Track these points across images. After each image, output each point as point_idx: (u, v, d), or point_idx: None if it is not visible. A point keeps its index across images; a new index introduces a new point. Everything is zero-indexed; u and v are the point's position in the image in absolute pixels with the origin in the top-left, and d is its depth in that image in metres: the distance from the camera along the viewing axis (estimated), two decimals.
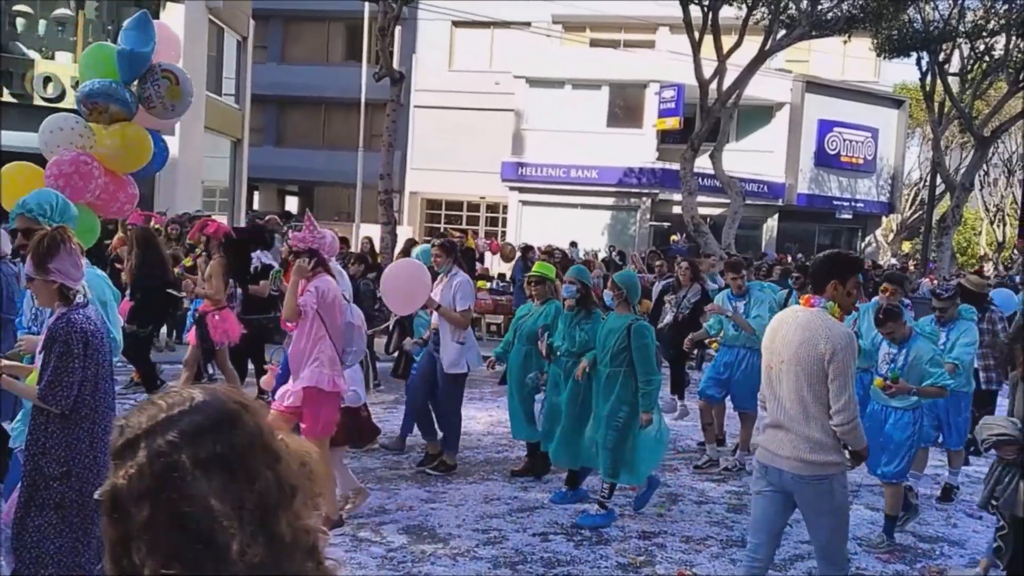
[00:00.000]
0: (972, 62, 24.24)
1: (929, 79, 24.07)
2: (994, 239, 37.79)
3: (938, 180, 26.21)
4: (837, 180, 29.26)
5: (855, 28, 19.68)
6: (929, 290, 9.28)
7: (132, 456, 1.18)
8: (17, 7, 18.48)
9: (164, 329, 11.11)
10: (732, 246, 19.84)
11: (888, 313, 5.90)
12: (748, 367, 7.39)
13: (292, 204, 36.15)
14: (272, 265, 8.92)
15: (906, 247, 36.37)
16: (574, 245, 20.81)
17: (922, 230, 28.67)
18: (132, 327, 8.26)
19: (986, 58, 23.75)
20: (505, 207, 29.00)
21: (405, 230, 23.56)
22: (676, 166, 21.23)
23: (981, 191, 36.78)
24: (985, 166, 32.79)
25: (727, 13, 19.71)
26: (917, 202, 35.89)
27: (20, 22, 18.78)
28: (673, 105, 25.51)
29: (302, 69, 31.71)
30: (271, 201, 34.60)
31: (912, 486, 6.62)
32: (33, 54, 18.45)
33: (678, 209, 22.17)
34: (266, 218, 14.95)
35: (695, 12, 19.01)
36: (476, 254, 16.90)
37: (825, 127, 28.38)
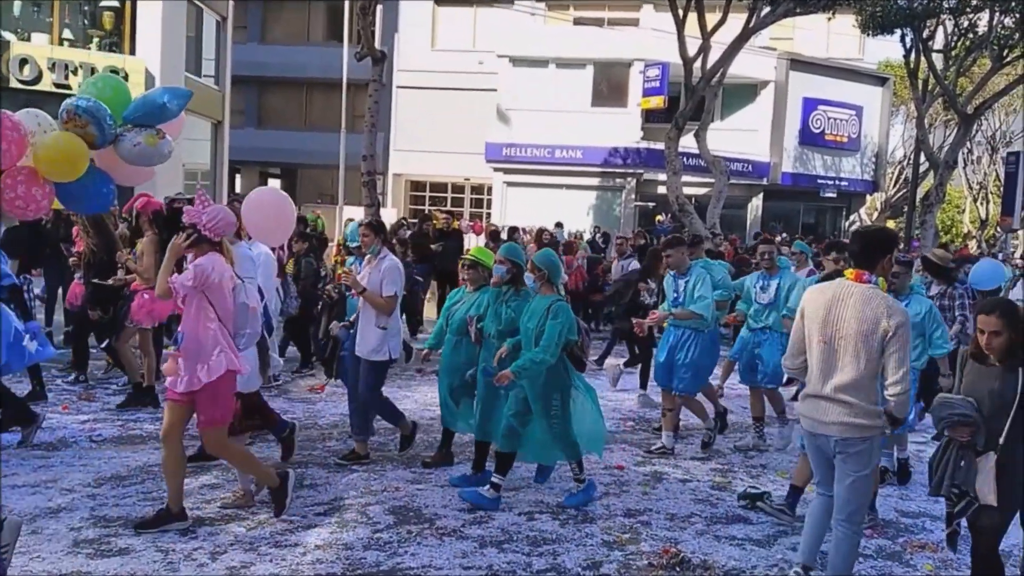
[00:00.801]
0: (956, 39, 24.26)
1: (913, 56, 24.08)
2: (977, 217, 38.02)
3: (922, 158, 26.29)
4: (821, 158, 29.33)
5: (839, 5, 19.64)
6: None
7: None
8: None
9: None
10: (717, 225, 19.86)
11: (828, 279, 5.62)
12: (692, 349, 7.15)
13: (275, 187, 35.90)
14: None
15: (890, 225, 36.54)
16: (559, 226, 20.78)
17: (906, 208, 28.78)
18: (97, 313, 8.05)
19: (970, 35, 23.77)
20: (490, 188, 28.92)
21: (389, 212, 23.48)
22: (661, 145, 21.20)
23: (964, 169, 36.95)
24: (968, 144, 32.91)
25: None
26: (901, 180, 36.03)
27: None
28: (658, 84, 25.46)
29: (283, 49, 31.40)
30: (253, 184, 34.27)
31: (887, 467, 6.57)
32: (9, 35, 18.17)
33: (663, 189, 22.16)
34: None
35: None
36: (463, 236, 16.78)
37: (809, 105, 28.42)
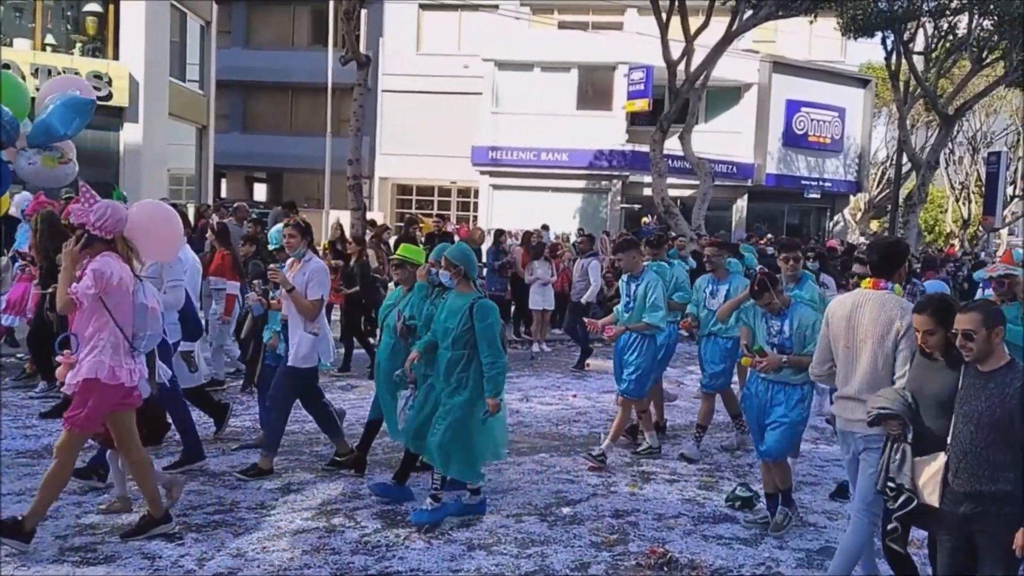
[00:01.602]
0: (936, 41, 24.48)
1: (894, 58, 24.28)
2: (960, 216, 38.33)
3: (904, 159, 26.50)
4: (805, 160, 29.50)
5: (820, 8, 19.79)
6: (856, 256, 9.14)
7: None
8: None
9: None
10: (702, 227, 19.94)
11: (761, 284, 5.50)
12: (640, 352, 7.02)
13: (261, 191, 35.75)
14: None
15: (874, 225, 36.80)
16: (546, 228, 20.81)
17: (889, 208, 28.99)
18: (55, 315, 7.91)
19: (949, 37, 23.99)
20: (476, 191, 28.92)
21: (376, 216, 23.42)
22: (646, 148, 21.28)
23: (947, 169, 37.26)
24: (950, 144, 33.23)
25: None
26: (884, 181, 36.29)
27: None
28: (642, 87, 25.55)
29: (267, 54, 31.31)
30: (239, 189, 34.20)
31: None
32: None
33: (648, 191, 22.24)
34: (235, 205, 14.79)
35: None
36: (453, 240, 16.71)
37: (792, 107, 28.58)
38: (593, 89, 27.36)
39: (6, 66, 17.84)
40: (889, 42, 23.97)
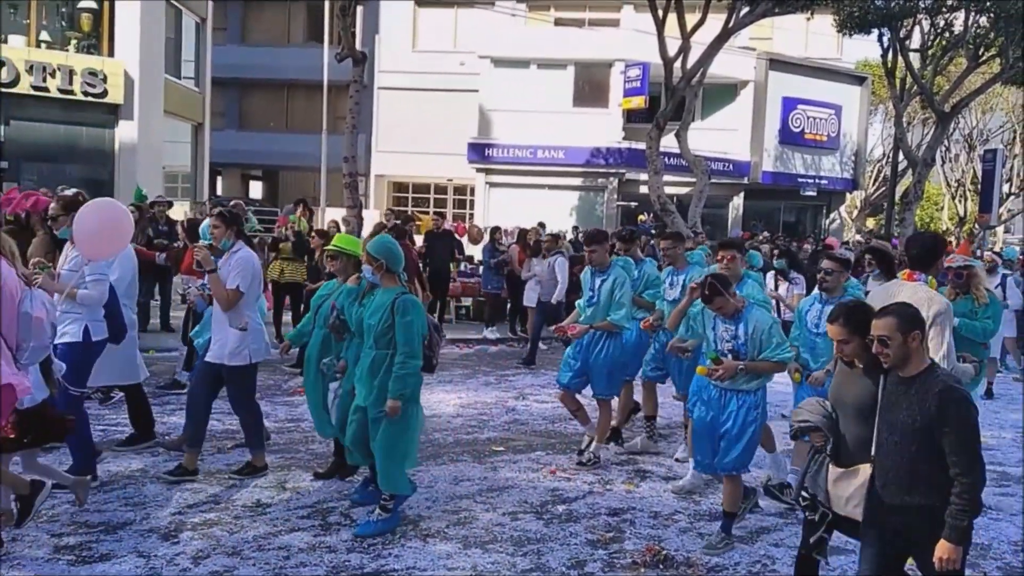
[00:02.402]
0: (932, 38, 24.48)
1: (890, 56, 24.27)
2: (956, 214, 38.37)
3: (900, 156, 26.51)
4: (801, 157, 29.51)
5: (817, 5, 19.75)
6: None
7: None
8: None
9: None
10: (698, 224, 19.94)
11: (712, 288, 5.17)
12: (606, 350, 6.82)
13: (256, 189, 35.70)
14: None
15: (870, 223, 36.81)
16: (542, 226, 20.78)
17: (885, 206, 29.01)
18: None
19: (946, 34, 23.99)
20: (472, 189, 28.89)
21: (372, 214, 23.38)
22: (642, 145, 21.26)
23: (943, 166, 37.28)
24: (946, 141, 33.23)
25: None
26: (880, 178, 36.30)
27: None
28: (638, 84, 25.52)
29: (263, 51, 31.24)
30: (235, 186, 34.15)
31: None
32: None
33: (645, 189, 22.21)
34: (231, 203, 14.75)
35: None
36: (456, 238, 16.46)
37: (789, 105, 28.57)
38: (589, 86, 27.33)
39: (93, 73, 17.78)
40: (885, 39, 23.96)
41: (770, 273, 9.38)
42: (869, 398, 3.70)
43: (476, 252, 17.15)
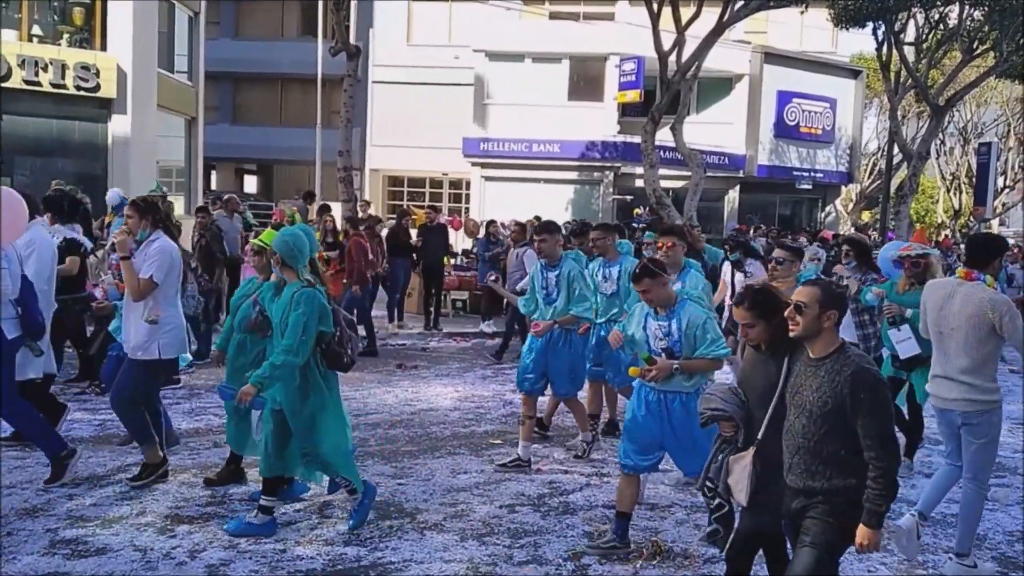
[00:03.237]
0: (927, 32, 24.48)
1: (885, 49, 24.27)
2: (951, 207, 38.44)
3: (895, 149, 26.54)
4: (796, 151, 29.51)
5: None
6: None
7: None
8: None
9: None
10: (694, 218, 19.92)
11: (643, 268, 4.85)
12: (564, 347, 6.63)
13: (251, 183, 35.61)
14: (78, 240, 7.86)
15: (866, 216, 36.85)
16: (538, 219, 20.75)
17: (880, 199, 29.04)
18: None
19: (940, 28, 24.00)
20: (468, 183, 28.85)
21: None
22: (638, 139, 21.23)
23: (937, 160, 37.33)
24: (941, 135, 33.25)
25: None
26: (875, 171, 36.33)
27: None
28: (633, 78, 25.48)
29: (257, 45, 31.11)
30: (229, 181, 34.04)
31: None
32: None
33: (640, 182, 22.20)
34: (226, 197, 14.71)
35: None
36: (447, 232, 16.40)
37: (784, 98, 28.57)
38: (584, 80, 27.29)
39: (86, 67, 17.60)
40: (880, 33, 23.95)
41: (726, 265, 9.23)
42: (773, 381, 3.62)
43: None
